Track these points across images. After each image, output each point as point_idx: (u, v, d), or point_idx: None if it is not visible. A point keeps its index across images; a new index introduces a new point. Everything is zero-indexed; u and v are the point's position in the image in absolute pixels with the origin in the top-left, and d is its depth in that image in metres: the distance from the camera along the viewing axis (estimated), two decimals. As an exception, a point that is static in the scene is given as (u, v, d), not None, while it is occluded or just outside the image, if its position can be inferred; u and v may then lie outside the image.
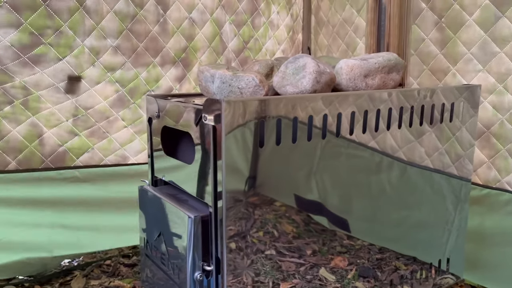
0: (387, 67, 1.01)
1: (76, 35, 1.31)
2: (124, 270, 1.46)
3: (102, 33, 1.35)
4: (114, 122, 1.44)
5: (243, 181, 0.80)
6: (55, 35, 1.28)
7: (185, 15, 1.51)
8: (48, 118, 1.33)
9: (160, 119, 0.96)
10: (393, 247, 1.08)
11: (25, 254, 1.34)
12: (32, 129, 1.31)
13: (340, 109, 0.90)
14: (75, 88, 1.33)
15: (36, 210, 1.36)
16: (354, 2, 1.64)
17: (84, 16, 1.31)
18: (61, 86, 1.32)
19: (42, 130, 1.33)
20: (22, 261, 1.32)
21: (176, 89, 1.54)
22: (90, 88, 1.36)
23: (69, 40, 1.30)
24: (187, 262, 0.82)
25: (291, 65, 0.91)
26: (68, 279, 1.40)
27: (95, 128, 1.41)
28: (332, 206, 0.93)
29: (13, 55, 1.23)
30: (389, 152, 1.01)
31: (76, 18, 1.30)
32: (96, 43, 1.35)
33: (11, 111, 1.27)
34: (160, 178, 1.02)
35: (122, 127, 1.47)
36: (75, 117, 1.37)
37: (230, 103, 0.76)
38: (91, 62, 1.35)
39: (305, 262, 0.92)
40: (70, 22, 1.29)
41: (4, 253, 1.31)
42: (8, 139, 1.28)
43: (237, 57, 1.66)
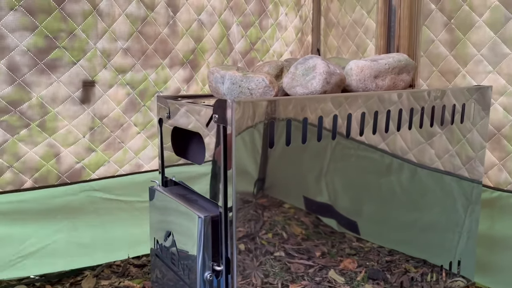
0: (397, 68, 1.01)
1: (89, 38, 1.32)
2: (134, 270, 1.47)
3: (113, 35, 1.36)
4: (127, 129, 1.46)
5: (253, 182, 0.80)
6: (69, 38, 1.29)
7: (194, 17, 1.52)
8: (65, 137, 1.34)
9: (171, 120, 0.97)
10: (403, 250, 1.07)
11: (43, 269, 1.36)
12: (49, 149, 1.33)
13: (350, 110, 0.90)
14: (90, 95, 1.34)
15: (51, 222, 1.37)
16: (364, 3, 1.64)
17: (97, 19, 1.32)
18: (76, 96, 1.33)
19: (59, 149, 1.35)
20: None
21: (184, 90, 1.55)
22: (104, 94, 1.38)
23: (82, 43, 1.31)
24: (197, 262, 0.82)
25: (301, 66, 0.91)
26: (78, 279, 1.41)
27: (111, 140, 1.42)
28: (341, 208, 0.93)
29: (29, 61, 1.24)
30: (399, 154, 1.01)
31: (89, 21, 1.31)
32: (108, 45, 1.36)
33: (27, 134, 1.28)
34: (170, 179, 1.02)
35: (135, 133, 1.48)
36: (91, 131, 1.38)
37: (241, 103, 0.76)
38: (103, 64, 1.36)
39: (314, 264, 0.91)
40: (84, 25, 1.30)
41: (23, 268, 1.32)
42: (24, 160, 1.30)
43: (243, 58, 1.66)
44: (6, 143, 1.25)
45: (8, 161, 1.27)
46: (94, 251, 1.44)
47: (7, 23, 1.18)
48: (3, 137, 1.25)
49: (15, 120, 1.25)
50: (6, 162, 1.27)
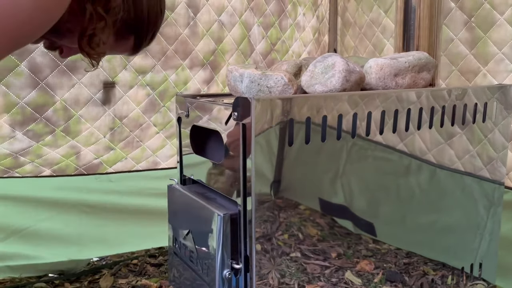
0: (417, 66, 1.00)
1: None
2: (151, 269, 1.48)
3: None
4: (146, 129, 1.47)
5: (271, 179, 0.80)
6: None
7: (214, 18, 1.52)
8: (87, 139, 1.36)
9: (189, 119, 0.97)
10: (421, 252, 1.05)
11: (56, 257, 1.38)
12: (71, 150, 1.35)
13: (369, 108, 0.89)
14: (110, 96, 1.36)
15: (66, 212, 1.40)
16: (382, 2, 1.63)
17: None
18: (97, 97, 1.34)
19: (80, 149, 1.37)
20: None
21: (204, 91, 1.56)
22: (124, 94, 1.39)
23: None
24: (216, 260, 0.82)
25: (319, 64, 0.90)
26: (96, 277, 1.43)
27: (130, 139, 1.44)
28: (358, 209, 0.92)
29: (50, 63, 1.26)
30: (418, 154, 1.00)
31: None
32: None
33: (52, 139, 1.31)
34: (188, 177, 1.03)
35: (154, 133, 1.50)
36: (111, 131, 1.40)
37: (260, 101, 0.76)
38: (123, 65, 1.38)
39: (330, 265, 0.91)
40: None
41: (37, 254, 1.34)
42: (46, 158, 1.32)
43: (264, 59, 1.67)
44: (31, 147, 1.28)
45: (31, 158, 1.29)
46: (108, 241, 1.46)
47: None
48: (28, 144, 1.27)
49: (41, 128, 1.27)
50: (29, 159, 1.29)
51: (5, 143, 1.24)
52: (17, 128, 1.24)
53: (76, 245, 1.41)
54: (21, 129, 1.24)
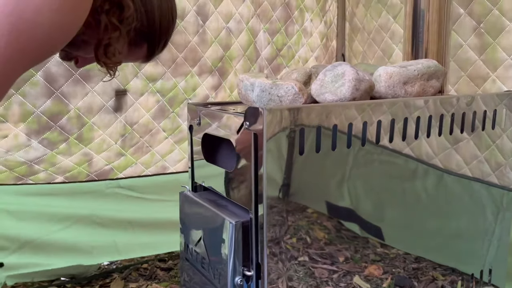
0: (426, 74, 1.01)
1: None
2: (160, 273, 1.50)
3: None
4: (156, 134, 1.49)
5: (283, 188, 0.81)
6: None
7: (222, 25, 1.54)
8: (99, 146, 1.38)
9: (201, 127, 0.98)
10: (430, 257, 1.06)
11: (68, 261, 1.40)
12: (84, 157, 1.37)
13: (379, 116, 0.90)
14: (122, 104, 1.38)
15: (76, 208, 1.42)
16: (391, 8, 1.63)
17: None
18: (109, 105, 1.36)
19: (93, 156, 1.39)
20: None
21: (212, 97, 1.57)
22: (135, 102, 1.41)
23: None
24: (228, 267, 0.83)
25: (329, 73, 0.91)
26: (107, 281, 1.45)
27: (140, 144, 1.46)
28: (366, 213, 0.93)
29: (65, 72, 1.28)
30: (425, 159, 1.00)
31: None
32: None
33: (66, 147, 1.32)
34: (200, 184, 1.04)
35: (163, 138, 1.51)
36: (122, 137, 1.42)
37: (271, 111, 0.77)
38: (135, 73, 1.39)
39: (338, 269, 0.91)
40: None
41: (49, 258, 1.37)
42: (60, 166, 1.34)
43: (269, 65, 1.68)
44: (45, 155, 1.30)
45: (45, 167, 1.31)
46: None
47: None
48: (43, 152, 1.29)
49: (55, 136, 1.29)
50: (43, 168, 1.31)
51: (21, 152, 1.26)
52: (33, 137, 1.26)
53: (87, 254, 1.43)
54: (37, 138, 1.27)
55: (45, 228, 1.38)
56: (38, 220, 1.36)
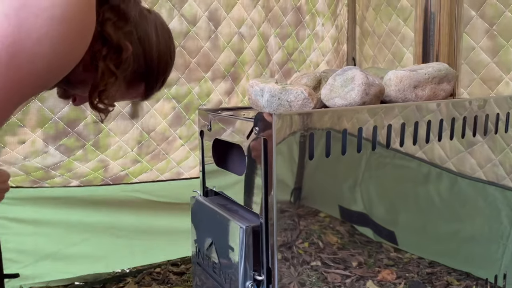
0: (437, 78, 1.00)
1: None
2: (173, 278, 1.51)
3: None
4: (172, 142, 1.51)
5: (293, 193, 0.81)
6: None
7: (235, 30, 1.55)
8: (116, 153, 1.40)
9: (212, 132, 0.99)
10: (444, 261, 1.05)
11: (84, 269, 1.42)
12: (100, 164, 1.39)
13: (389, 120, 0.90)
14: (138, 110, 1.40)
15: (94, 217, 1.44)
16: (401, 11, 1.63)
17: None
18: (126, 111, 1.38)
19: (109, 163, 1.41)
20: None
21: (225, 102, 1.59)
22: (151, 108, 1.43)
23: None
24: (239, 272, 0.84)
25: (339, 78, 0.92)
26: (121, 285, 1.46)
27: (156, 152, 1.48)
28: (378, 218, 0.93)
29: None
30: (438, 162, 0.99)
31: None
32: None
33: (82, 154, 1.34)
34: (211, 189, 1.05)
35: (179, 146, 1.53)
36: (139, 144, 1.44)
37: (281, 116, 0.78)
38: None
39: (351, 274, 0.91)
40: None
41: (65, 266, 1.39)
42: (76, 172, 1.37)
43: (280, 69, 1.68)
44: (62, 162, 1.32)
45: (61, 172, 1.34)
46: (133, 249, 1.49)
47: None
48: (60, 158, 1.31)
49: (72, 142, 1.31)
50: (59, 173, 1.33)
51: (38, 158, 1.28)
52: (50, 143, 1.28)
53: (105, 264, 1.45)
54: (54, 144, 1.28)
55: (63, 241, 1.40)
56: (55, 232, 1.39)
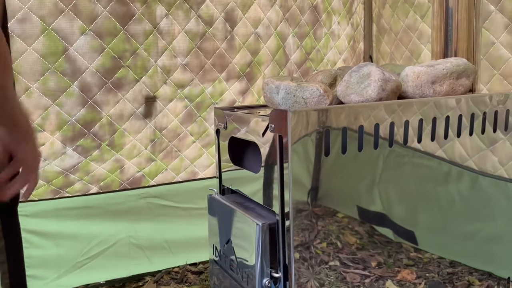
0: (456, 73, 0.98)
1: (150, 56, 1.39)
2: (191, 277, 1.51)
3: (173, 52, 1.42)
4: (184, 139, 1.52)
5: (309, 190, 0.81)
6: (132, 57, 1.36)
7: (251, 31, 1.55)
8: (130, 152, 1.42)
9: (227, 130, 1.00)
10: (465, 261, 1.03)
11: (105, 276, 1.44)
12: (116, 164, 1.42)
13: (407, 117, 0.89)
14: (151, 110, 1.42)
15: (113, 227, 1.46)
16: (418, 8, 1.61)
17: (157, 37, 1.39)
18: (139, 111, 1.40)
19: (124, 162, 1.43)
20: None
21: (239, 101, 1.59)
22: (164, 108, 1.45)
23: (144, 61, 1.38)
24: (256, 269, 0.84)
25: (355, 74, 0.91)
26: (140, 284, 1.48)
27: (169, 149, 1.49)
28: (397, 217, 0.92)
29: (98, 81, 1.33)
30: (458, 161, 0.98)
31: (150, 40, 1.37)
32: (168, 62, 1.42)
33: (98, 154, 1.37)
34: (227, 187, 1.05)
35: (191, 143, 1.54)
36: (152, 142, 1.46)
37: (296, 113, 0.78)
38: (164, 80, 1.43)
39: (370, 274, 0.90)
40: (145, 44, 1.37)
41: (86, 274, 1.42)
42: (93, 174, 1.39)
43: (298, 69, 1.68)
44: (80, 163, 1.34)
45: (80, 176, 1.36)
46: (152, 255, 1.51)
47: (78, 47, 1.26)
48: (77, 160, 1.33)
49: (88, 143, 1.34)
50: (78, 177, 1.36)
51: (57, 160, 1.31)
52: (68, 144, 1.30)
53: (125, 272, 1.48)
54: (71, 145, 1.31)
55: (84, 253, 1.42)
56: (76, 244, 1.41)
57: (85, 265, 1.43)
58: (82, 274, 1.43)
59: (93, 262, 1.43)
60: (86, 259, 1.43)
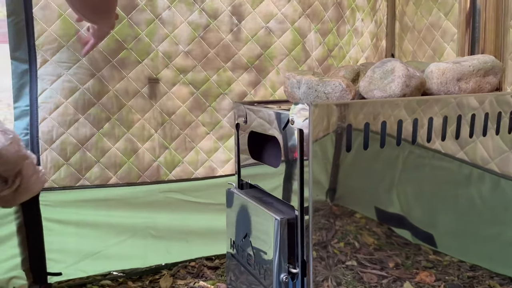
0: (482, 70, 0.96)
1: (151, 42, 1.45)
2: (208, 272, 1.52)
3: (174, 40, 1.46)
4: (195, 128, 1.53)
5: (328, 184, 0.80)
6: (135, 42, 1.43)
7: (261, 25, 1.55)
8: (141, 132, 1.46)
9: (247, 125, 1.00)
10: (486, 265, 1.01)
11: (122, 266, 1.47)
12: (129, 145, 1.45)
13: (430, 114, 0.87)
14: (155, 91, 1.46)
15: (133, 218, 1.48)
16: (442, 5, 1.58)
17: (158, 26, 1.45)
18: (144, 91, 1.43)
19: (137, 146, 1.46)
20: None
21: (251, 94, 1.59)
22: (168, 91, 1.48)
23: (145, 46, 1.45)
24: (274, 264, 0.84)
25: (378, 70, 0.90)
26: (157, 277, 1.49)
27: (182, 138, 1.51)
28: (417, 219, 0.90)
29: (105, 59, 1.41)
30: (480, 163, 0.95)
31: (152, 27, 1.44)
32: (169, 48, 1.47)
33: (109, 127, 1.43)
34: (246, 181, 1.05)
35: (204, 133, 1.55)
36: (162, 126, 1.48)
37: (318, 106, 0.77)
38: (165, 64, 1.47)
39: (388, 275, 0.89)
40: (147, 31, 1.44)
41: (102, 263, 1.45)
42: (109, 156, 1.43)
43: (320, 65, 1.67)
44: (93, 136, 1.41)
45: (95, 155, 1.41)
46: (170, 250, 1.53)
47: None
48: (90, 130, 1.41)
49: (99, 113, 1.41)
50: (94, 157, 1.41)
51: (72, 129, 1.39)
52: (80, 111, 1.40)
53: (141, 262, 1.50)
54: (83, 113, 1.40)
55: (103, 242, 1.45)
56: (96, 233, 1.44)
57: (103, 252, 1.46)
58: (100, 261, 1.45)
59: (111, 251, 1.46)
60: (105, 247, 1.45)
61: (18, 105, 1.35)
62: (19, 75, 1.33)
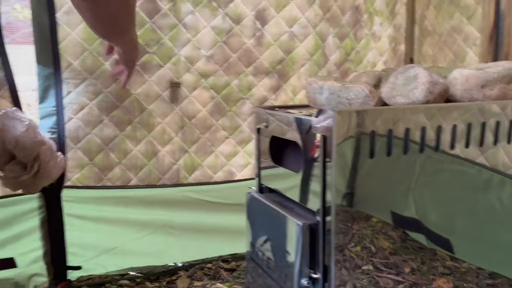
0: (507, 77, 0.95)
1: (174, 46, 1.46)
2: (224, 274, 1.53)
3: (196, 44, 1.47)
4: (215, 132, 1.54)
5: (350, 190, 0.80)
6: (157, 46, 1.46)
7: (284, 29, 1.56)
8: (161, 136, 1.48)
9: (269, 129, 1.00)
10: (506, 273, 0.99)
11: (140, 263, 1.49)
12: (149, 147, 1.47)
13: (454, 121, 0.87)
14: (177, 95, 1.48)
15: (151, 215, 1.50)
16: (465, 9, 1.56)
17: (181, 30, 1.47)
18: (165, 95, 1.45)
19: (157, 149, 1.48)
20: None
21: (272, 99, 1.60)
22: (189, 95, 1.49)
23: (168, 50, 1.47)
24: (295, 269, 0.84)
25: (401, 76, 0.89)
26: (174, 278, 1.50)
27: (202, 142, 1.52)
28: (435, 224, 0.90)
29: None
30: (501, 169, 0.94)
31: (174, 32, 1.46)
32: (191, 53, 1.49)
33: (131, 130, 1.45)
34: (266, 186, 1.05)
35: (224, 137, 1.56)
36: (182, 129, 1.50)
37: (341, 113, 0.77)
38: (187, 69, 1.48)
39: (404, 280, 0.89)
40: (170, 36, 1.46)
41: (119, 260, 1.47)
42: (130, 157, 1.47)
43: (338, 69, 1.67)
44: (116, 138, 1.44)
45: (118, 156, 1.44)
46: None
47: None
48: (114, 131, 1.44)
49: (121, 115, 1.44)
50: (116, 158, 1.42)
51: (96, 129, 1.42)
52: (104, 113, 1.42)
53: (158, 259, 1.52)
54: (107, 114, 1.43)
55: (121, 238, 1.48)
56: (114, 229, 1.47)
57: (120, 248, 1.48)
58: (117, 256, 1.48)
59: (129, 247, 1.48)
60: (123, 243, 1.48)
61: (44, 106, 1.38)
62: (44, 77, 1.36)
